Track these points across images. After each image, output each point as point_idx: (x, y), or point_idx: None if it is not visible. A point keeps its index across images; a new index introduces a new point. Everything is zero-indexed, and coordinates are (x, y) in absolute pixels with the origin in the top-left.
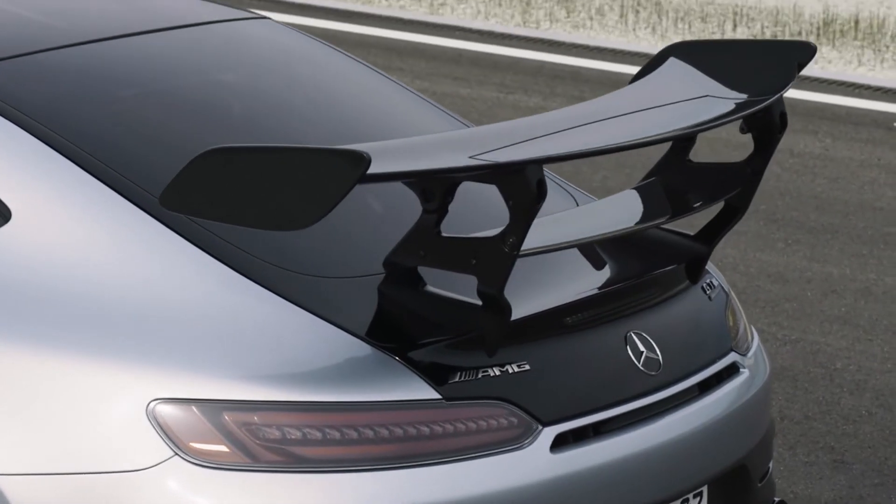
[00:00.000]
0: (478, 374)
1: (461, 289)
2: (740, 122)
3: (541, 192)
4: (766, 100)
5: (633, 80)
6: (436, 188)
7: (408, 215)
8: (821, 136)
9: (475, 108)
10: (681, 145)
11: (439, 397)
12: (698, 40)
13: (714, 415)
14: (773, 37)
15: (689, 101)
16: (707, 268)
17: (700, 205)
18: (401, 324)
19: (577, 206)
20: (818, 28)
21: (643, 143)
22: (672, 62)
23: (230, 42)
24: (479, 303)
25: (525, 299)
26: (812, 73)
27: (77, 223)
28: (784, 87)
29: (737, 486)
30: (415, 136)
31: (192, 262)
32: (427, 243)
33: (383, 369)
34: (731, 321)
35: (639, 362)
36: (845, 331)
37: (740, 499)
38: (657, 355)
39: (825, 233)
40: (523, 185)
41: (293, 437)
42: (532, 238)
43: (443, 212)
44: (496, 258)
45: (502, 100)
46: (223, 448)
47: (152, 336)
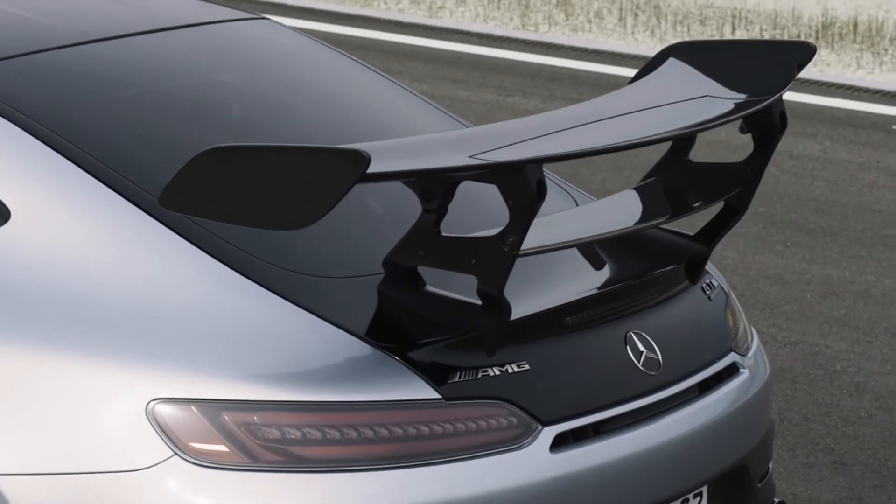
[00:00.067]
0: (477, 374)
1: (461, 288)
2: (740, 122)
3: (540, 191)
4: (766, 100)
5: (632, 81)
6: (436, 188)
7: (408, 215)
8: (820, 138)
9: (474, 110)
10: (680, 145)
11: (439, 397)
12: (698, 40)
13: (714, 415)
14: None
15: (689, 101)
16: (707, 268)
17: (700, 205)
18: (400, 323)
19: (576, 206)
20: (817, 31)
21: (642, 142)
22: (672, 62)
23: (230, 42)
24: (479, 302)
25: (525, 299)
26: (811, 76)
27: (76, 223)
28: (784, 87)
29: (737, 487)
30: (415, 136)
31: (192, 262)
32: (427, 243)
33: (383, 369)
34: (730, 321)
35: (639, 362)
36: (845, 333)
37: (740, 499)
38: (657, 355)
39: (824, 235)
40: (523, 185)
41: (293, 436)
42: (532, 238)
43: (442, 211)
44: (496, 258)
45: (501, 102)
46: (223, 448)
47: (152, 336)
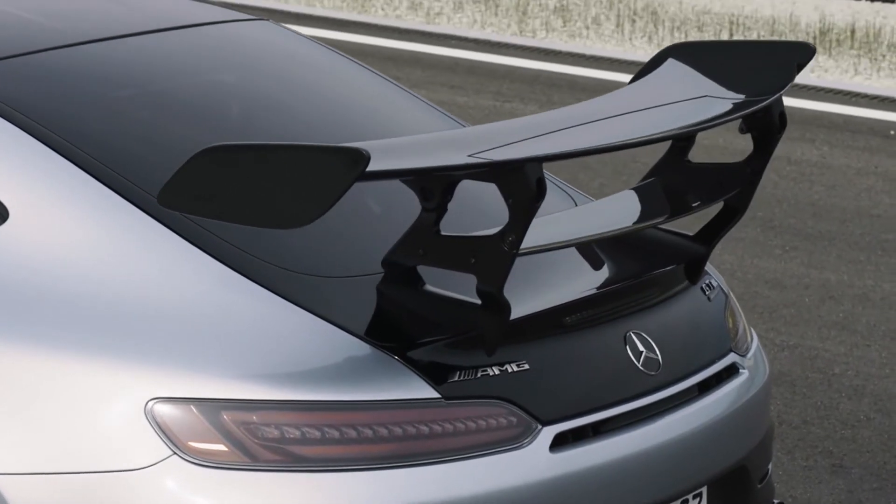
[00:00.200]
0: (477, 374)
1: (460, 288)
2: (740, 122)
3: (540, 190)
4: (766, 100)
5: (632, 81)
6: (435, 187)
7: (407, 214)
8: (818, 143)
9: (472, 116)
10: (680, 146)
11: (438, 396)
12: (697, 41)
13: (714, 415)
14: None
15: (688, 101)
16: (706, 269)
17: (699, 205)
18: (400, 323)
19: (575, 206)
20: (815, 37)
21: (642, 142)
22: (671, 63)
23: (229, 43)
24: (479, 302)
25: (524, 299)
26: (809, 82)
27: (75, 222)
28: (783, 87)
29: (736, 487)
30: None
31: (191, 261)
32: (426, 242)
33: (382, 368)
34: (730, 322)
35: (638, 362)
36: (843, 336)
37: (740, 500)
38: (657, 355)
39: (822, 239)
40: (523, 184)
41: (292, 436)
42: (531, 237)
43: (442, 210)
44: (495, 257)
45: (499, 108)
46: (222, 447)
47: (151, 335)
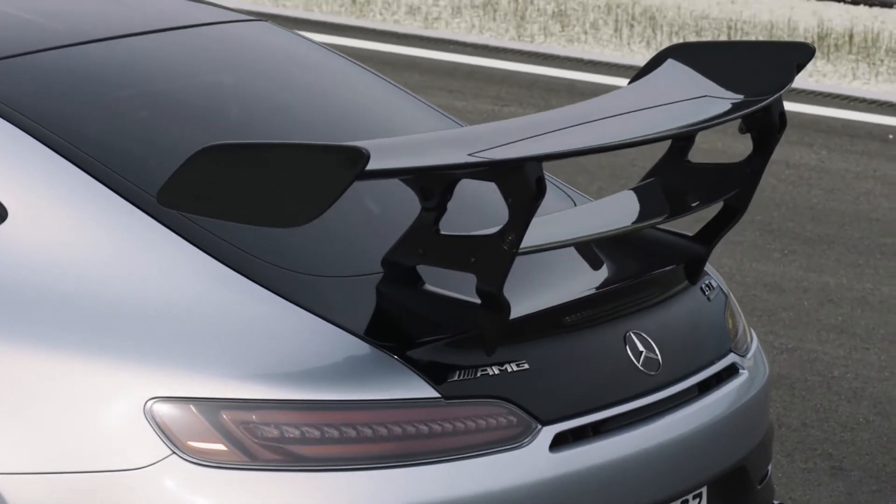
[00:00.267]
0: (477, 373)
1: (460, 287)
2: (740, 122)
3: (540, 189)
4: (765, 99)
5: (631, 81)
6: (435, 186)
7: (406, 214)
8: (816, 147)
9: (470, 120)
10: (679, 146)
11: (438, 396)
12: (697, 41)
13: (713, 415)
14: None
15: (688, 101)
16: (706, 269)
17: (699, 205)
18: (399, 322)
19: (574, 206)
20: (813, 42)
21: (642, 141)
22: (671, 63)
23: (229, 44)
24: (478, 301)
25: (524, 298)
26: (807, 86)
27: (74, 222)
28: (783, 87)
29: (736, 488)
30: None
31: (190, 261)
32: (426, 241)
33: (382, 368)
34: (730, 322)
35: (638, 362)
36: (842, 339)
37: (740, 500)
38: (656, 355)
39: (821, 243)
40: (522, 183)
41: (291, 435)
42: (531, 236)
43: (441, 210)
44: (495, 256)
45: (497, 112)
46: (221, 447)
47: (150, 335)
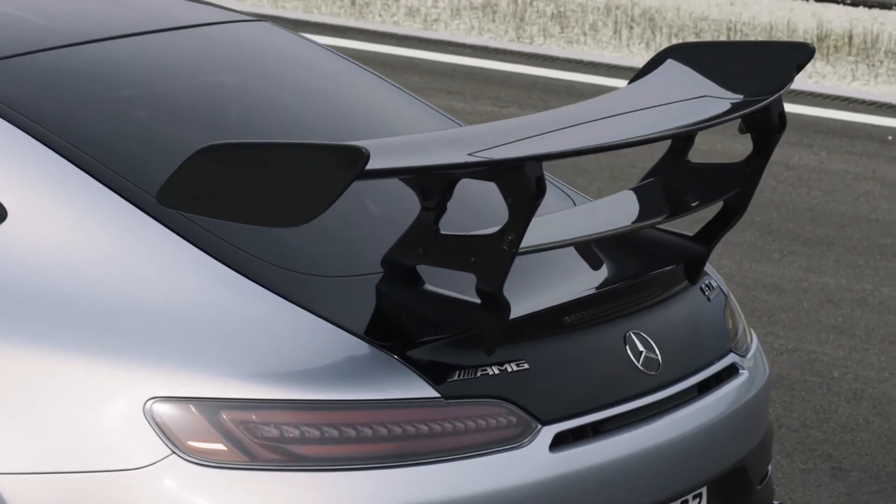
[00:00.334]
0: (477, 373)
1: (460, 287)
2: (739, 122)
3: (540, 188)
4: (765, 99)
5: (631, 81)
6: (434, 185)
7: (406, 214)
8: (816, 149)
9: (469, 121)
10: (679, 146)
11: (438, 396)
12: (697, 41)
13: (713, 415)
14: None
15: (688, 101)
16: (706, 270)
17: (698, 205)
18: (399, 322)
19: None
20: (812, 43)
21: (641, 141)
22: (670, 63)
23: (228, 44)
24: (478, 301)
25: (524, 298)
26: (806, 88)
27: (74, 222)
28: (783, 87)
29: (736, 488)
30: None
31: (190, 260)
32: (426, 241)
33: (382, 368)
34: (730, 322)
35: (638, 362)
36: (842, 340)
37: (739, 500)
38: (656, 355)
39: (821, 244)
40: (522, 182)
41: (291, 435)
42: (531, 236)
43: (441, 209)
44: (495, 256)
45: (497, 114)
46: (221, 447)
47: (150, 335)
